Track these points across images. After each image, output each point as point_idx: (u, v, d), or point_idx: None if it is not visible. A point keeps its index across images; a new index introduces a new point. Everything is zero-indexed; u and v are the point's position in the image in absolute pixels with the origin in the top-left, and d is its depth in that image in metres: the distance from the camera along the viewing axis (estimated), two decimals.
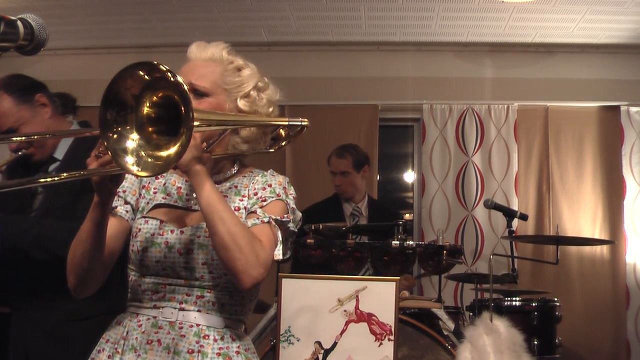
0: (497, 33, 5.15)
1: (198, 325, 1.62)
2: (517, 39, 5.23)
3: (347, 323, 2.26)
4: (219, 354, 1.61)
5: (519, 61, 5.39)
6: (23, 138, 2.45)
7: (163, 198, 1.72)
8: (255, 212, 1.66)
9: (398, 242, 3.31)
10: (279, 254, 1.64)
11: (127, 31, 5.14)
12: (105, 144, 1.43)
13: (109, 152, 1.43)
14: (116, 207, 1.68)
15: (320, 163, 5.31)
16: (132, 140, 1.45)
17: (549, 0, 4.53)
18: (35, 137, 2.47)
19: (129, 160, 1.43)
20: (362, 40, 5.35)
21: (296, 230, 1.74)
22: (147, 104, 1.45)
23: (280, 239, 1.66)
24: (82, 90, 2.66)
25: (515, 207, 4.98)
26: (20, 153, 2.44)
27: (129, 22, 5.01)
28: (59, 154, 2.50)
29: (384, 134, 5.50)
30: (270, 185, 1.71)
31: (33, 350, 2.36)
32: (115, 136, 1.44)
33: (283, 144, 1.80)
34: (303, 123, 1.73)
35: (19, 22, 1.33)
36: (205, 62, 1.71)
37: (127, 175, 1.71)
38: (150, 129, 1.46)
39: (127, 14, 4.89)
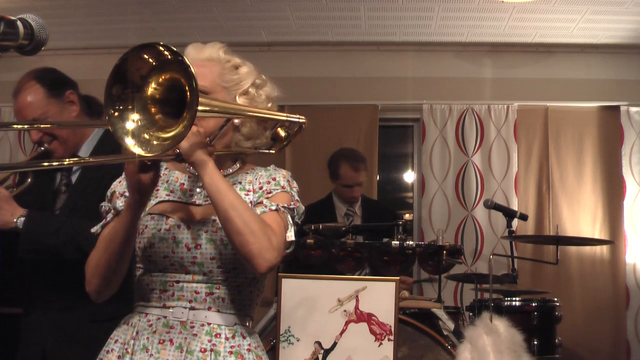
0: (497, 33, 5.14)
1: (209, 324, 1.63)
2: (517, 39, 5.23)
3: (347, 323, 2.26)
4: (231, 352, 1.63)
5: (519, 61, 5.39)
6: (25, 126, 2.42)
7: (167, 195, 1.72)
8: (262, 202, 1.68)
9: (398, 242, 3.31)
10: (291, 235, 1.67)
11: (127, 31, 5.14)
12: (107, 117, 1.45)
13: (110, 126, 1.45)
14: (122, 206, 1.68)
15: (320, 163, 5.31)
16: (133, 121, 1.47)
17: (549, 0, 4.52)
18: (42, 125, 2.43)
19: (130, 141, 1.45)
20: (362, 40, 5.35)
21: (299, 222, 1.76)
22: (153, 85, 1.48)
23: (291, 222, 1.68)
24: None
25: (515, 207, 4.98)
26: (42, 148, 2.42)
27: (128, 22, 5.01)
28: (84, 153, 2.48)
29: (384, 134, 5.49)
30: (274, 179, 1.74)
31: (51, 352, 2.34)
32: (117, 113, 1.46)
33: (284, 144, 1.82)
34: (300, 120, 1.79)
35: (18, 22, 1.33)
36: (203, 62, 1.72)
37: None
38: (153, 109, 1.48)
39: (127, 14, 4.89)
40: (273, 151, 1.83)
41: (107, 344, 1.69)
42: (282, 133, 1.80)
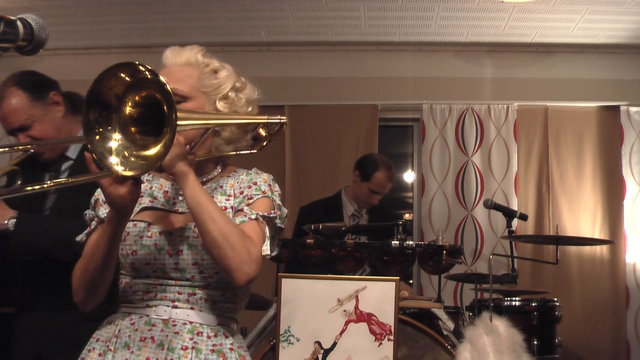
0: (497, 33, 5.15)
1: (191, 322, 1.63)
2: (517, 39, 5.23)
3: (346, 323, 2.26)
4: (213, 351, 1.62)
5: (519, 61, 5.39)
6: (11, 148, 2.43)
7: (150, 201, 1.72)
8: (242, 210, 1.66)
9: (398, 242, 3.31)
10: (266, 249, 1.64)
11: (127, 31, 5.14)
12: (89, 145, 1.44)
13: (93, 154, 1.44)
14: (105, 214, 1.67)
15: (320, 163, 5.32)
16: (115, 140, 1.46)
17: (549, 0, 4.53)
18: (26, 147, 2.43)
19: (113, 160, 1.44)
20: (362, 40, 5.35)
21: (283, 227, 1.75)
22: (130, 104, 1.47)
23: (268, 235, 1.66)
24: (82, 90, 2.64)
25: (515, 207, 4.98)
26: (29, 152, 2.41)
27: (129, 22, 5.01)
28: (72, 152, 2.47)
29: (384, 134, 5.50)
30: (255, 184, 1.72)
31: (46, 352, 2.34)
32: (98, 137, 1.45)
33: (264, 143, 1.80)
34: (282, 120, 1.76)
35: (18, 22, 1.33)
36: (181, 67, 1.71)
37: None
38: (133, 129, 1.48)
39: (127, 14, 4.89)
40: (255, 151, 1.81)
41: (89, 343, 1.69)
42: (263, 133, 1.79)
